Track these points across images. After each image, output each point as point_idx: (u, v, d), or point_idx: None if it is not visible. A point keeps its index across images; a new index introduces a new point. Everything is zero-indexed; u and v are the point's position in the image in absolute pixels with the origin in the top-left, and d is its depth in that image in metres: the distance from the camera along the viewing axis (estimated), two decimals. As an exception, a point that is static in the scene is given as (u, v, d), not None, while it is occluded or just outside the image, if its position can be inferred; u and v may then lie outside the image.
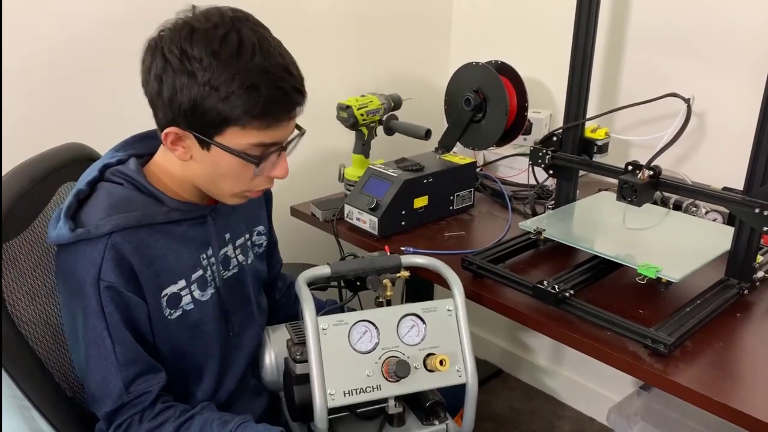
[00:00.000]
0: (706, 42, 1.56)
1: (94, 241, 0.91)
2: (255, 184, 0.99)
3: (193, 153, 0.95)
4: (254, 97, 0.87)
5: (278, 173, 0.98)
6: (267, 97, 0.88)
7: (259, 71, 0.87)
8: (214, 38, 0.87)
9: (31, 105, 1.35)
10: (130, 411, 0.94)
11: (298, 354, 0.99)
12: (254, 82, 0.87)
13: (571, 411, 2.13)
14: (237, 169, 0.95)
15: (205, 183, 0.99)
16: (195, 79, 0.87)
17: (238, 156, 0.92)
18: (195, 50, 0.86)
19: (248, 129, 0.90)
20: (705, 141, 1.61)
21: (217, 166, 0.95)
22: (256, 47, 0.88)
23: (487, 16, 2.01)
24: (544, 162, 1.41)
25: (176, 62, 0.87)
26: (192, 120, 0.90)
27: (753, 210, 1.09)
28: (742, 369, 1.01)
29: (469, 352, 1.01)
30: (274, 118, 0.91)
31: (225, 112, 0.88)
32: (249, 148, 0.92)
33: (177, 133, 0.92)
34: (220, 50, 0.86)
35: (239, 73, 0.86)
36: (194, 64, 0.87)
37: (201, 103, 0.88)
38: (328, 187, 1.72)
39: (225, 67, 0.86)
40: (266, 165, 0.96)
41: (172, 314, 0.99)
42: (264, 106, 0.88)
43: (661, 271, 1.09)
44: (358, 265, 1.06)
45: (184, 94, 0.88)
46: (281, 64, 0.90)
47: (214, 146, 0.92)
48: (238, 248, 1.11)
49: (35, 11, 1.31)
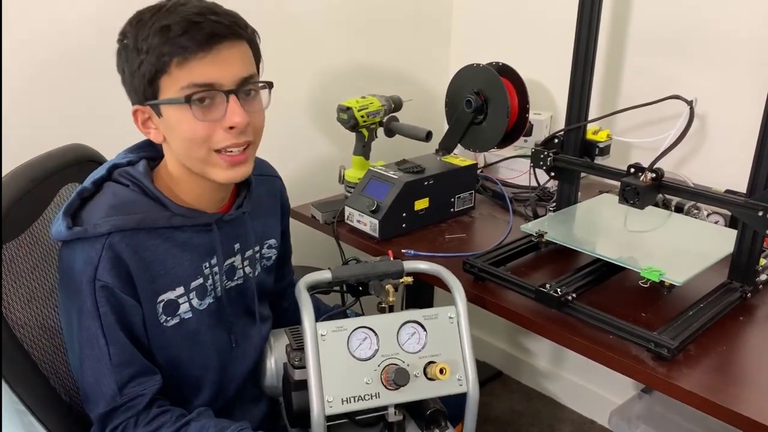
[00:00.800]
0: (708, 44, 1.55)
1: (92, 241, 0.91)
2: (216, 140, 0.93)
3: (161, 128, 0.95)
4: (165, 35, 0.87)
5: (231, 120, 0.91)
6: (178, 31, 0.87)
7: (172, 15, 0.88)
8: (144, 11, 0.91)
9: (33, 106, 1.34)
10: (124, 414, 0.93)
11: (296, 360, 0.98)
12: (165, 24, 0.88)
13: (571, 414, 2.12)
14: (185, 123, 0.91)
15: (182, 158, 0.96)
16: (128, 49, 0.91)
17: (173, 102, 0.90)
18: (128, 26, 0.92)
19: (173, 72, 0.89)
20: (707, 143, 1.61)
21: (173, 131, 0.93)
22: (178, 2, 0.90)
23: (487, 17, 2.01)
24: (545, 164, 1.40)
25: (119, 45, 0.93)
26: (138, 92, 0.92)
27: (756, 213, 1.08)
28: (745, 373, 1.01)
29: (470, 361, 0.99)
30: (191, 50, 0.87)
31: (151, 65, 0.89)
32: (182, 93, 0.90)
33: (140, 111, 0.95)
34: (144, 15, 0.90)
35: (155, 23, 0.88)
36: (127, 39, 0.91)
37: (136, 69, 0.90)
38: (328, 189, 1.71)
39: (144, 26, 0.89)
40: (213, 111, 0.91)
41: (168, 321, 0.98)
42: (176, 39, 0.87)
43: (664, 275, 1.08)
44: (359, 271, 1.05)
45: (128, 69, 0.92)
46: (198, 5, 0.90)
47: (162, 107, 0.92)
48: (246, 260, 1.09)
49: (36, 12, 1.30)
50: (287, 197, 1.23)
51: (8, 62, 1.28)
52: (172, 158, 0.99)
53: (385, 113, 1.61)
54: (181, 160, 0.97)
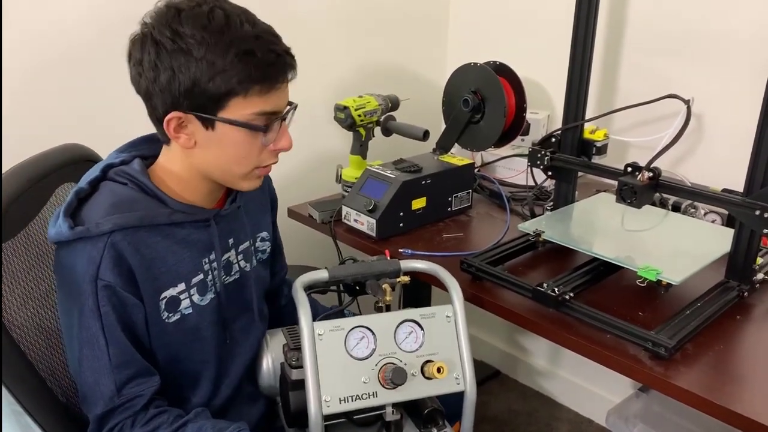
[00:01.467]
0: (706, 43, 1.55)
1: (93, 240, 0.91)
2: (262, 159, 0.98)
3: (197, 138, 0.94)
4: (251, 62, 0.88)
5: (283, 144, 0.98)
6: (263, 61, 0.89)
7: (251, 38, 0.89)
8: (200, 15, 0.88)
9: (28, 105, 1.34)
10: (122, 415, 0.93)
11: (293, 359, 0.98)
12: (249, 48, 0.88)
13: (568, 412, 2.12)
14: (243, 144, 0.95)
15: (214, 169, 0.98)
16: (192, 56, 0.87)
17: (245, 126, 0.92)
18: (186, 28, 0.87)
19: (250, 97, 0.91)
20: (704, 142, 1.61)
21: (222, 146, 0.94)
22: (243, 17, 0.90)
23: (484, 16, 2.01)
24: (542, 163, 1.40)
25: (170, 44, 0.88)
26: (193, 100, 0.90)
27: (753, 212, 1.08)
28: (742, 372, 1.01)
29: (467, 360, 0.99)
30: (273, 81, 0.91)
31: (226, 84, 0.89)
32: (253, 118, 0.93)
33: (179, 118, 0.92)
34: (210, 24, 0.88)
35: (233, 42, 0.87)
36: (188, 41, 0.87)
37: (201, 80, 0.88)
38: (326, 188, 1.71)
39: (218, 39, 0.87)
40: (271, 136, 0.96)
41: (170, 318, 0.98)
42: (262, 69, 0.89)
43: (662, 274, 1.08)
44: (356, 270, 1.05)
45: (183, 75, 0.88)
46: (268, 30, 0.92)
47: (219, 123, 0.92)
48: (240, 254, 1.10)
49: (33, 11, 1.30)
50: (274, 188, 1.24)
51: (5, 62, 1.28)
52: (180, 160, 0.99)
53: (382, 112, 1.61)
54: (208, 170, 0.99)
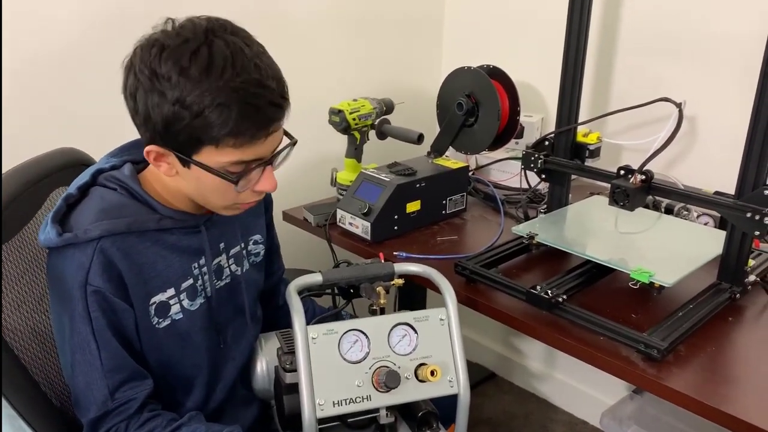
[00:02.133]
0: (697, 47, 1.56)
1: (82, 246, 0.91)
2: (242, 198, 0.97)
3: (177, 169, 0.94)
4: (225, 115, 0.84)
5: (264, 187, 0.96)
6: (239, 114, 0.84)
7: (229, 89, 0.84)
8: (183, 55, 0.84)
9: (22, 109, 1.33)
10: (115, 419, 0.93)
11: (287, 363, 0.98)
12: (224, 101, 0.84)
13: (563, 414, 2.13)
14: (219, 186, 0.93)
15: (195, 196, 0.98)
16: (165, 98, 0.85)
17: (216, 174, 0.90)
18: (164, 68, 0.84)
19: (223, 147, 0.88)
20: (696, 145, 1.62)
21: (200, 183, 0.94)
22: (228, 62, 0.84)
23: (478, 20, 2.01)
24: (536, 166, 1.40)
25: (147, 82, 0.85)
26: (167, 139, 0.88)
27: (744, 214, 1.09)
28: (734, 373, 1.01)
29: (461, 363, 1.00)
30: (249, 136, 0.87)
31: (197, 131, 0.86)
32: (228, 165, 0.90)
33: (158, 152, 0.91)
34: (189, 67, 0.83)
35: (209, 90, 0.83)
36: (163, 83, 0.84)
37: (173, 123, 0.86)
38: (320, 191, 1.71)
39: (194, 85, 0.83)
40: (249, 180, 0.94)
41: (160, 323, 0.98)
42: (236, 123, 0.85)
43: (654, 276, 1.09)
44: (350, 273, 1.05)
45: (156, 114, 0.86)
46: (254, 80, 0.86)
47: (194, 164, 0.90)
48: (231, 258, 1.10)
49: (27, 15, 1.30)
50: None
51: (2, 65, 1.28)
52: (169, 178, 0.98)
53: (376, 116, 1.62)
54: (190, 196, 0.98)
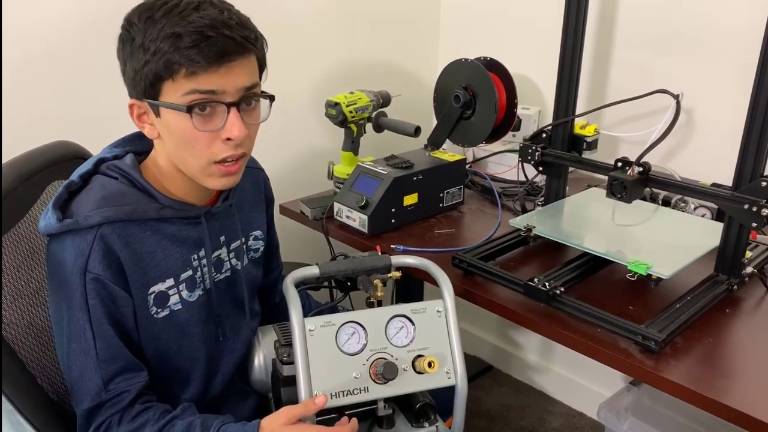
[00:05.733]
0: (695, 38, 1.56)
1: (83, 232, 0.91)
2: (214, 152, 0.93)
3: (156, 125, 0.94)
4: (176, 43, 0.86)
5: (231, 132, 0.91)
6: (189, 42, 0.86)
7: (184, 21, 0.86)
8: (155, 5, 0.89)
9: (18, 102, 1.33)
10: (109, 411, 0.93)
11: (285, 355, 0.98)
12: (177, 30, 0.86)
13: (561, 406, 2.13)
14: (185, 130, 0.91)
15: (176, 160, 0.96)
16: (133, 44, 0.89)
17: (173, 108, 0.89)
18: (135, 18, 0.89)
19: (178, 79, 0.88)
20: (693, 137, 1.62)
21: (171, 133, 0.93)
22: (192, 5, 0.88)
23: (475, 12, 2.01)
24: (533, 159, 1.40)
25: (124, 34, 0.91)
26: (138, 87, 0.91)
27: (742, 206, 1.09)
28: (731, 365, 1.02)
29: (458, 354, 1.00)
30: (201, 64, 0.87)
31: (155, 67, 0.88)
32: (184, 99, 0.89)
33: (138, 106, 0.94)
34: (155, 13, 0.88)
35: (166, 26, 0.86)
36: (134, 30, 0.89)
37: (139, 67, 0.89)
38: (317, 184, 1.70)
39: (155, 26, 0.87)
40: (213, 122, 0.91)
41: (159, 313, 0.98)
42: (187, 50, 0.86)
43: (651, 268, 1.09)
44: (347, 266, 1.05)
45: (130, 63, 0.91)
46: (213, 16, 0.87)
47: (161, 108, 0.91)
48: (232, 252, 1.09)
49: (19, 8, 1.29)
50: (270, 188, 1.23)
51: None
52: (163, 154, 0.98)
53: (373, 108, 1.61)
54: (174, 161, 0.97)
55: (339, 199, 1.46)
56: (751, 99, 1.07)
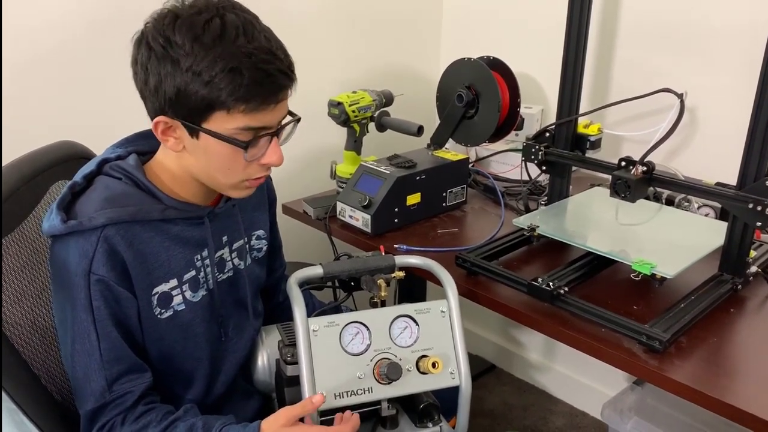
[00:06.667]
0: (698, 37, 1.55)
1: (87, 234, 0.91)
2: (249, 173, 0.96)
3: (185, 143, 0.94)
4: (237, 79, 0.86)
5: (271, 159, 0.95)
6: (251, 79, 0.86)
7: (241, 54, 0.86)
8: (196, 24, 0.86)
9: (21, 103, 1.33)
10: (113, 412, 0.93)
11: (288, 356, 0.98)
12: (237, 65, 0.85)
13: (564, 406, 2.13)
14: (227, 157, 0.93)
15: (201, 175, 0.97)
16: (178, 66, 0.86)
17: (226, 141, 0.91)
18: (178, 37, 0.86)
19: (234, 113, 0.88)
20: (697, 136, 1.61)
21: (207, 155, 0.93)
22: (240, 30, 0.87)
23: (478, 11, 2.00)
24: (536, 158, 1.40)
25: (160, 50, 0.87)
26: (178, 107, 0.89)
27: (746, 205, 1.09)
28: (736, 364, 1.01)
29: (462, 354, 1.00)
30: (260, 101, 0.89)
31: (209, 96, 0.87)
32: (237, 132, 0.90)
33: (166, 122, 0.92)
34: (203, 35, 0.86)
35: (221, 56, 0.85)
36: (177, 51, 0.86)
37: (185, 90, 0.87)
38: (320, 184, 1.70)
39: (207, 52, 0.85)
40: (257, 151, 0.94)
41: (162, 314, 0.98)
42: (248, 88, 0.87)
43: (656, 267, 1.09)
44: (351, 266, 1.05)
45: (168, 82, 0.88)
46: (265, 47, 0.88)
47: (202, 133, 0.90)
48: (234, 251, 1.09)
49: (22, 7, 1.29)
50: (273, 188, 1.23)
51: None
52: (178, 162, 0.98)
53: (376, 108, 1.61)
54: (197, 175, 0.97)
55: (342, 198, 1.46)
56: (756, 98, 1.06)
